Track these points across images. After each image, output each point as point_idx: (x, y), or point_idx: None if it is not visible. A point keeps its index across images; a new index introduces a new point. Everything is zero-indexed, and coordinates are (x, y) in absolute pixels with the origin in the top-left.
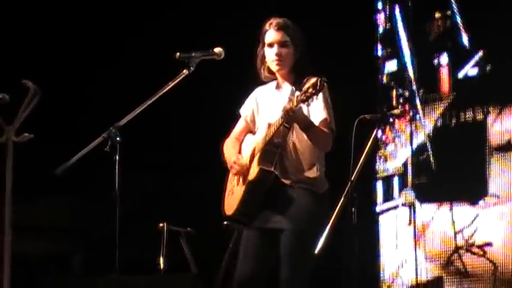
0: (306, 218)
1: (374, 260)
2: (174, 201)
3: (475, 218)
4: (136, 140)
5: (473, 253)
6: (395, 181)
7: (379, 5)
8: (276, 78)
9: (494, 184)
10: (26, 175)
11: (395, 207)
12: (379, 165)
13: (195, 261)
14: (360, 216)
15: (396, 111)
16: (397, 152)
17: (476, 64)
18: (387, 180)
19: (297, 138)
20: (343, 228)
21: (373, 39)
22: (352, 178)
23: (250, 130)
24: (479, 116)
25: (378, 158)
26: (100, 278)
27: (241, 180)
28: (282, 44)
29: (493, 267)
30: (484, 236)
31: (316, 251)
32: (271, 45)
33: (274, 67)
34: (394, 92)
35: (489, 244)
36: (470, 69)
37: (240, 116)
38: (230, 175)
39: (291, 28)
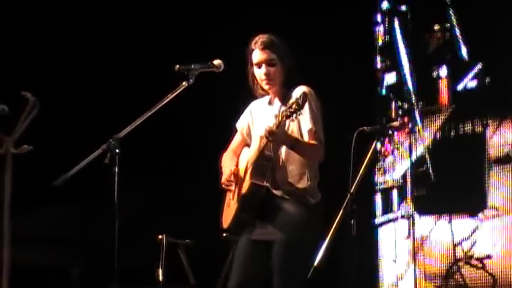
0: (296, 229)
1: (373, 272)
2: (172, 212)
3: (474, 231)
4: (135, 152)
5: (473, 266)
6: (395, 193)
7: (378, 18)
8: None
9: (493, 196)
10: (25, 186)
11: (394, 220)
12: (378, 178)
13: (193, 272)
14: (359, 228)
15: (395, 124)
16: (396, 165)
17: (475, 76)
18: (386, 193)
19: (286, 149)
20: (342, 241)
21: (372, 52)
22: (351, 190)
23: (247, 143)
24: (479, 129)
25: (377, 170)
26: None
27: (236, 194)
28: (269, 63)
29: (492, 280)
30: (483, 248)
31: (315, 263)
32: (258, 65)
33: (265, 86)
34: (393, 104)
35: (488, 257)
36: (469, 82)
37: (236, 130)
38: None
39: (276, 44)
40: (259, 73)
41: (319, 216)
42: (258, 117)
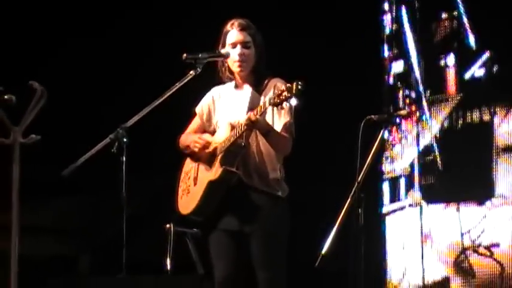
0: (272, 222)
1: (381, 261)
2: None
3: (482, 219)
4: (143, 141)
5: (481, 254)
6: (402, 182)
7: (386, 6)
8: (234, 79)
9: (502, 185)
10: (33, 176)
11: (402, 208)
12: (386, 166)
13: (202, 262)
14: (366, 217)
15: (403, 112)
16: (404, 153)
17: (483, 65)
18: (394, 181)
19: (261, 139)
20: (349, 229)
21: (380, 40)
22: (359, 179)
23: (205, 129)
24: (486, 117)
25: (384, 158)
26: (107, 278)
27: (198, 180)
28: (244, 45)
29: (500, 268)
30: (491, 236)
31: (323, 252)
32: (234, 45)
33: (236, 68)
34: (401, 93)
35: (496, 245)
36: (477, 70)
37: (195, 114)
38: (183, 174)
39: (253, 29)
40: (234, 53)
41: (288, 209)
42: (222, 103)
